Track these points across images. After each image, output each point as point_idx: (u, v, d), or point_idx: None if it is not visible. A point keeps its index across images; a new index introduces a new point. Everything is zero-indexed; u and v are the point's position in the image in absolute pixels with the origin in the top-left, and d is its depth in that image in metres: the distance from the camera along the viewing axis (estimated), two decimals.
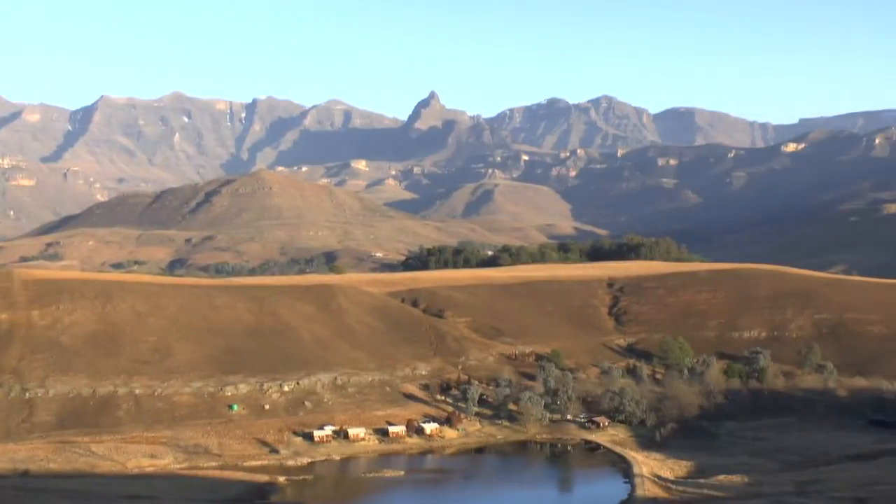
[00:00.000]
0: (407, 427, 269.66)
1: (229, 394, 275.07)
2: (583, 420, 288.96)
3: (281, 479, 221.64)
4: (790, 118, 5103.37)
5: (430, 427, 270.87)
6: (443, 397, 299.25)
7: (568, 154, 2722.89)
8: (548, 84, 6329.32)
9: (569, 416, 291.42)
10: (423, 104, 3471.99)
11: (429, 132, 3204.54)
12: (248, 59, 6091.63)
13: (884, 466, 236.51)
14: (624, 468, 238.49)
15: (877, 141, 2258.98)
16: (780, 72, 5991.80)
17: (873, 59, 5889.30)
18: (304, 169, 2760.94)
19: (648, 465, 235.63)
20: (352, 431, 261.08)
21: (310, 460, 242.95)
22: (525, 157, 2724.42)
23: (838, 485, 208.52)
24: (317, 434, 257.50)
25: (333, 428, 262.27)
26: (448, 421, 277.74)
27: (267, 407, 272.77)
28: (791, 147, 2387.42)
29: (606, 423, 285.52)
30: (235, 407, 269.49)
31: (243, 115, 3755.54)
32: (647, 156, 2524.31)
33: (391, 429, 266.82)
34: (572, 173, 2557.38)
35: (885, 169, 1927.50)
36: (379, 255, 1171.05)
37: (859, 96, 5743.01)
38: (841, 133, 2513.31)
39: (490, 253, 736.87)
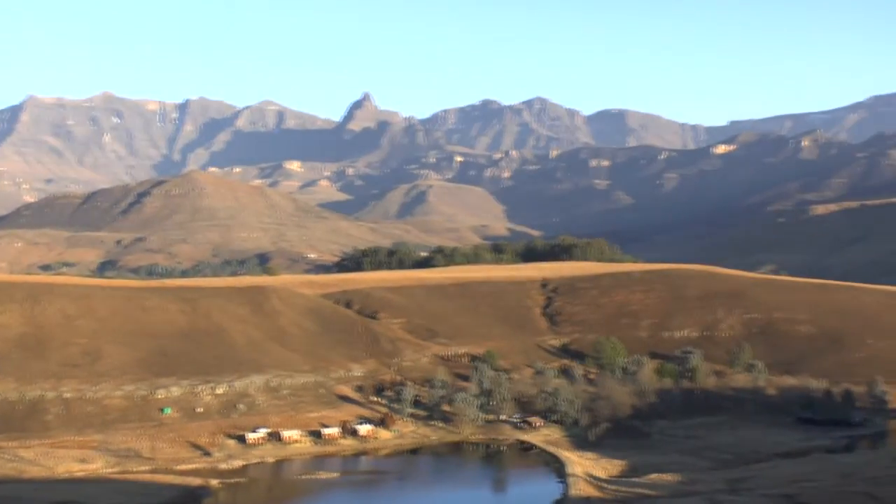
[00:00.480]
0: (341, 429, 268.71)
1: (161, 397, 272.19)
2: (517, 420, 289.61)
3: (214, 482, 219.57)
4: (720, 120, 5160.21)
5: (364, 429, 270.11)
6: (377, 399, 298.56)
7: (502, 155, 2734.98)
8: (482, 85, 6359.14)
9: (503, 417, 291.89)
10: (357, 105, 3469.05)
11: (363, 133, 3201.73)
12: (179, 60, 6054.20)
13: (812, 463, 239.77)
14: (558, 468, 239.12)
15: (804, 143, 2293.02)
16: (710, 74, 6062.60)
17: (801, 63, 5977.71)
18: (237, 170, 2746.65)
19: (582, 465, 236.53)
20: (285, 434, 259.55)
21: (243, 463, 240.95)
22: (459, 159, 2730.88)
23: (768, 482, 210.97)
24: (250, 437, 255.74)
25: (267, 430, 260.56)
26: (382, 422, 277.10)
27: (199, 410, 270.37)
28: (721, 149, 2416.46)
29: (540, 424, 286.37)
30: (167, 410, 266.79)
31: (175, 115, 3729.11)
32: (579, 157, 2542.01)
33: (325, 431, 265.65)
34: (506, 174, 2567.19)
35: (812, 171, 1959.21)
36: (313, 256, 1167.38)
37: (787, 99, 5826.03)
38: (769, 135, 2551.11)
39: (424, 254, 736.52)
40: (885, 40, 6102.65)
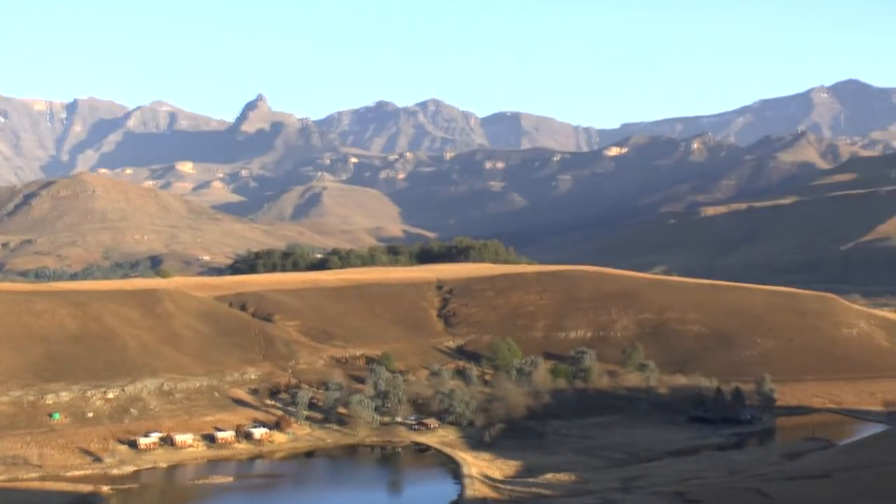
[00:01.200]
0: (236, 432, 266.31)
1: (50, 402, 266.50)
2: (413, 422, 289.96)
3: (105, 488, 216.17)
4: (612, 123, 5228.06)
5: (259, 432, 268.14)
6: (272, 402, 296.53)
7: (397, 157, 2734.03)
8: (376, 87, 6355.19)
9: (399, 419, 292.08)
10: (251, 106, 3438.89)
11: (257, 135, 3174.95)
12: (68, 58, 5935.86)
13: (703, 461, 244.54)
14: (453, 469, 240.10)
15: (695, 146, 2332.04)
16: (602, 77, 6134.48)
17: (691, 66, 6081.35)
18: (128, 171, 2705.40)
19: (478, 466, 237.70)
20: (179, 438, 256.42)
21: (135, 469, 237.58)
22: (354, 160, 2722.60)
23: (660, 480, 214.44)
24: (142, 442, 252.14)
25: (160, 435, 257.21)
26: (278, 425, 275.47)
27: (90, 415, 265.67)
28: (614, 151, 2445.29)
29: (436, 425, 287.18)
30: (57, 416, 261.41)
31: (63, 115, 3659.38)
32: (474, 159, 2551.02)
33: (220, 435, 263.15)
34: (401, 176, 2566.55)
35: (702, 173, 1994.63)
36: (206, 258, 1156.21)
37: (678, 102, 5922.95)
38: (660, 138, 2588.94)
39: (319, 256, 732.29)
40: (771, 45, 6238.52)
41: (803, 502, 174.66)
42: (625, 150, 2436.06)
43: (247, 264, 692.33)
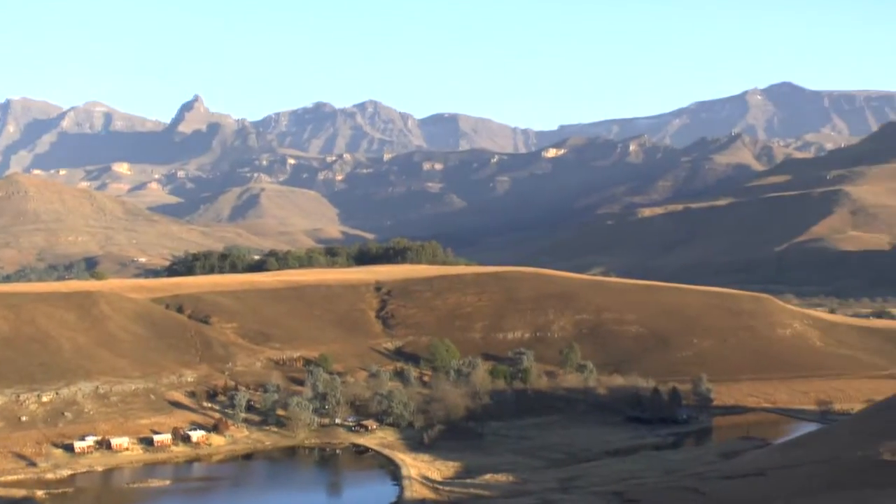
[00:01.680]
0: (173, 435, 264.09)
1: None
2: (351, 424, 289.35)
3: (39, 493, 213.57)
4: (550, 125, 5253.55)
5: (196, 435, 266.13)
6: (210, 404, 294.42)
7: (335, 158, 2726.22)
8: (314, 88, 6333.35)
9: (338, 420, 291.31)
10: (187, 107, 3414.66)
11: (193, 135, 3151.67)
12: (0, 58, 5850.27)
13: (640, 461, 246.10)
14: (392, 471, 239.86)
15: (631, 148, 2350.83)
16: (540, 79, 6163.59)
17: (627, 68, 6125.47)
18: (62, 172, 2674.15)
19: (416, 467, 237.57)
20: (115, 441, 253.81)
21: (71, 473, 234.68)
22: (292, 162, 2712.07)
23: (598, 480, 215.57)
24: (78, 445, 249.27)
25: (96, 438, 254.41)
26: (215, 428, 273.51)
27: (24, 419, 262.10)
28: (552, 153, 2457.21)
29: (375, 427, 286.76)
30: None
31: None
32: (413, 160, 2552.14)
33: (156, 438, 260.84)
34: (339, 178, 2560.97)
35: (639, 174, 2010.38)
36: (143, 260, 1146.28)
37: (615, 104, 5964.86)
38: (598, 139, 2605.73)
39: (257, 257, 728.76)
40: (706, 47, 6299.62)
41: (739, 501, 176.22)
42: (562, 151, 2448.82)
43: (184, 266, 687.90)
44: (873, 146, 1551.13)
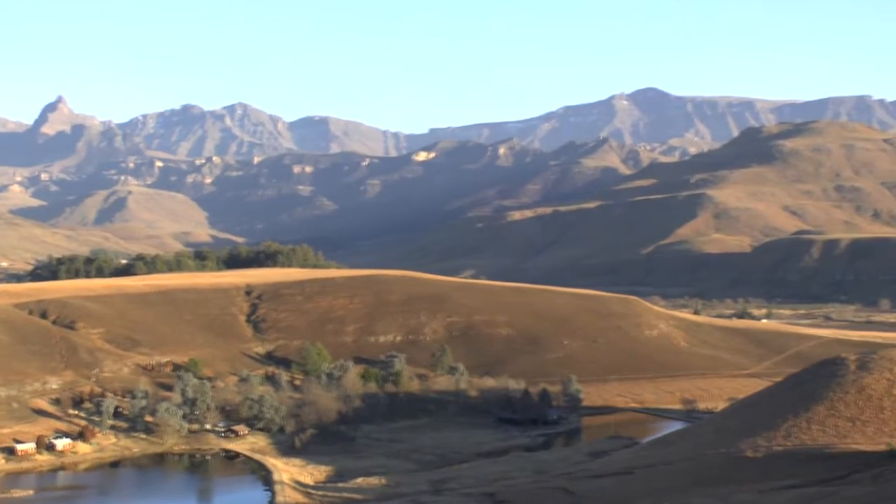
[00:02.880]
0: (37, 444, 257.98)
1: None
2: (222, 429, 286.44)
3: None
4: (421, 128, 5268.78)
5: (62, 443, 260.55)
6: (76, 412, 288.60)
7: (204, 161, 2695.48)
8: (182, 90, 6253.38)
9: (208, 426, 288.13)
10: (51, 108, 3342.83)
11: (57, 137, 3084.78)
12: None
13: (511, 462, 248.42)
14: (264, 476, 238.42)
15: (501, 151, 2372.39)
16: (410, 82, 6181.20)
17: (496, 72, 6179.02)
18: None
19: (288, 472, 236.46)
20: None
21: None
22: (160, 164, 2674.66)
23: (470, 481, 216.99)
24: None
25: None
26: (81, 436, 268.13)
27: None
28: (422, 156, 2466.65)
29: (246, 432, 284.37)
30: None
31: None
32: (283, 163, 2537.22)
33: (19, 447, 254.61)
34: (208, 180, 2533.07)
35: (508, 177, 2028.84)
36: (4, 265, 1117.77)
37: (484, 108, 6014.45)
38: (468, 143, 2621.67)
39: (124, 262, 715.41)
40: (574, 53, 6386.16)
41: (608, 499, 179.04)
42: (433, 155, 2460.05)
43: (48, 271, 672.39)
44: (734, 151, 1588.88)
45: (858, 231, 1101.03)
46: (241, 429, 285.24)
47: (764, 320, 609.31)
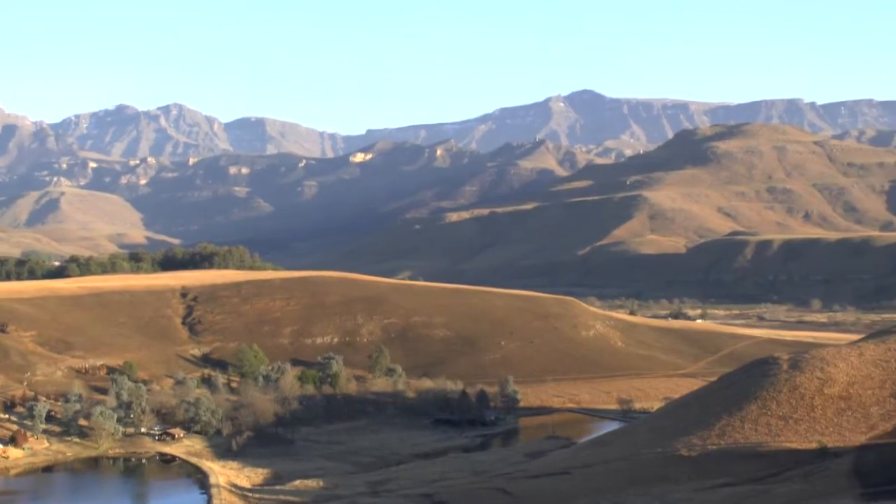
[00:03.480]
0: None
1: None
2: (157, 432, 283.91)
3: None
4: (358, 129, 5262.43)
5: None
6: (7, 416, 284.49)
7: (138, 162, 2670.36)
8: (116, 91, 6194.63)
9: (143, 430, 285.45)
10: None
11: None
12: None
13: (449, 463, 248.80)
14: (201, 479, 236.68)
15: (438, 152, 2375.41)
16: (346, 83, 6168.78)
17: (433, 74, 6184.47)
18: None
19: (225, 475, 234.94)
20: None
21: None
22: (93, 165, 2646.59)
23: (408, 483, 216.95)
24: None
25: None
26: (13, 440, 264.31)
27: None
28: (359, 157, 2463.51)
29: (182, 435, 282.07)
30: None
31: None
32: (219, 164, 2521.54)
33: None
34: (143, 182, 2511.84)
35: (446, 179, 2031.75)
36: None
37: (421, 109, 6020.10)
38: (405, 144, 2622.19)
39: (57, 264, 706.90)
40: (510, 54, 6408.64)
41: (545, 499, 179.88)
42: (370, 156, 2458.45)
43: None
44: (669, 153, 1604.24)
45: (790, 232, 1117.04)
46: (177, 432, 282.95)
47: (699, 320, 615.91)
